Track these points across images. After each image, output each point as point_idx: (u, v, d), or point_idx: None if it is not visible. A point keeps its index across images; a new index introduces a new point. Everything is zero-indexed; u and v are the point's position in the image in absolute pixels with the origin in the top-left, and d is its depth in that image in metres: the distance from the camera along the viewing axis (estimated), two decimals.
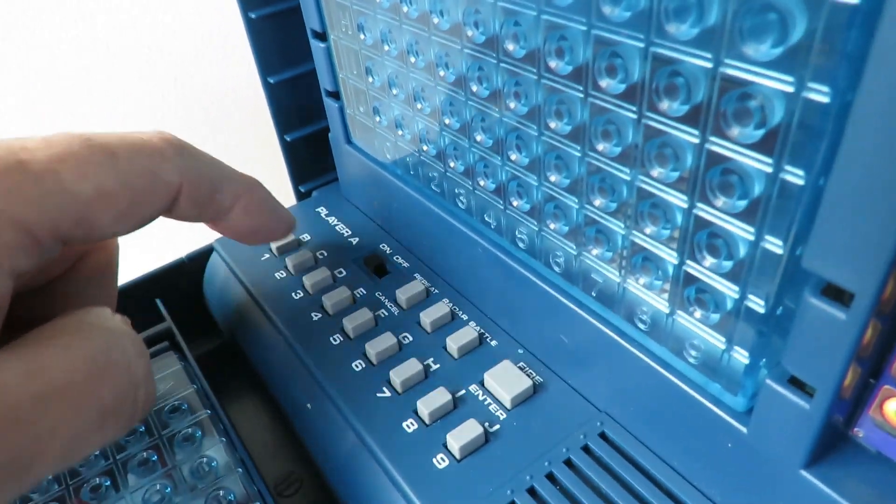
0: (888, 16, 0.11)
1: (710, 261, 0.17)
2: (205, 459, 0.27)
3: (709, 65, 0.14)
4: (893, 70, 0.11)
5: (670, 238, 0.18)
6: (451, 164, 0.26)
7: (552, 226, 0.22)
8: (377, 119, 0.30)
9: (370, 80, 0.28)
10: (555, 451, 0.22)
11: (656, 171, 0.17)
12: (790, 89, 0.13)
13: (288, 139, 0.36)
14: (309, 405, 0.27)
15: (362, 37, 0.27)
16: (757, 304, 0.16)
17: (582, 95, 0.18)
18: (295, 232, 0.35)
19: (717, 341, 0.18)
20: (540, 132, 0.20)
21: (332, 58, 0.31)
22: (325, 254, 0.33)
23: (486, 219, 0.25)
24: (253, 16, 0.32)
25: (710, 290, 0.17)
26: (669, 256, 0.18)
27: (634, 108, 0.17)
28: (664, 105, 0.16)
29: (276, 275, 0.32)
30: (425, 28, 0.23)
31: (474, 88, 0.22)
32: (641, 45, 0.15)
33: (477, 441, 0.23)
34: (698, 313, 0.18)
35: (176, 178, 0.21)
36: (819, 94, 0.13)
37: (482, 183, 0.25)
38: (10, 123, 0.49)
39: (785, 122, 0.13)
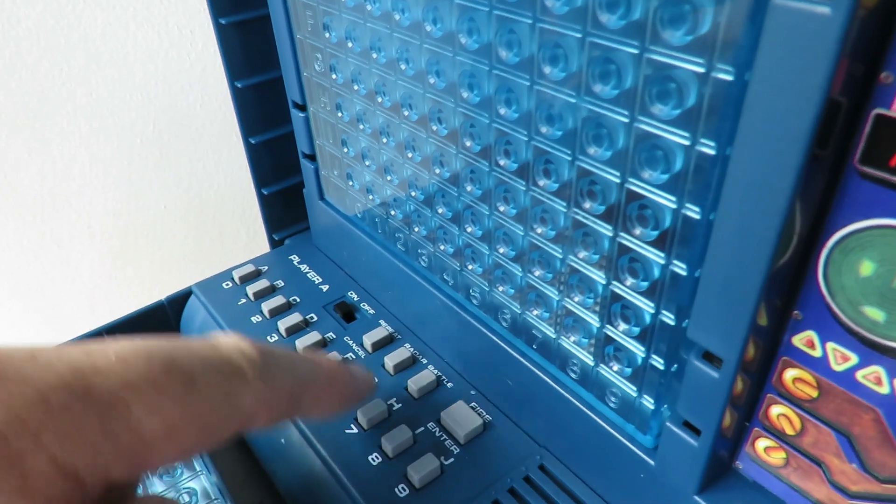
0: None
1: (623, 326, 0.21)
2: (185, 491, 0.29)
3: (626, 119, 0.19)
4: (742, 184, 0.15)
5: (593, 307, 0.22)
6: (416, 229, 0.30)
7: (500, 288, 0.26)
8: (350, 183, 0.34)
9: (345, 150, 0.32)
10: (500, 481, 0.26)
11: (582, 254, 0.21)
12: (687, 142, 0.17)
13: (265, 192, 0.39)
14: (283, 440, 0.30)
15: (340, 115, 0.31)
16: (658, 362, 0.20)
17: (524, 188, 0.22)
18: (270, 278, 0.38)
19: (631, 390, 0.22)
20: (491, 211, 0.24)
21: (310, 126, 0.35)
22: (298, 299, 0.36)
23: (445, 277, 0.29)
24: (239, 85, 0.35)
25: (623, 350, 0.21)
26: (593, 321, 0.22)
27: (564, 204, 0.21)
28: (587, 205, 0.20)
29: (252, 319, 0.35)
30: (396, 116, 0.27)
31: (437, 170, 0.26)
32: (574, 100, 0.20)
33: (434, 473, 0.26)
34: (616, 367, 0.22)
35: (254, 405, 0.18)
36: (692, 212, 0.17)
37: (442, 247, 0.28)
38: None
39: (671, 227, 0.18)
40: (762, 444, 0.20)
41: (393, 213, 0.31)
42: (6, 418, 0.13)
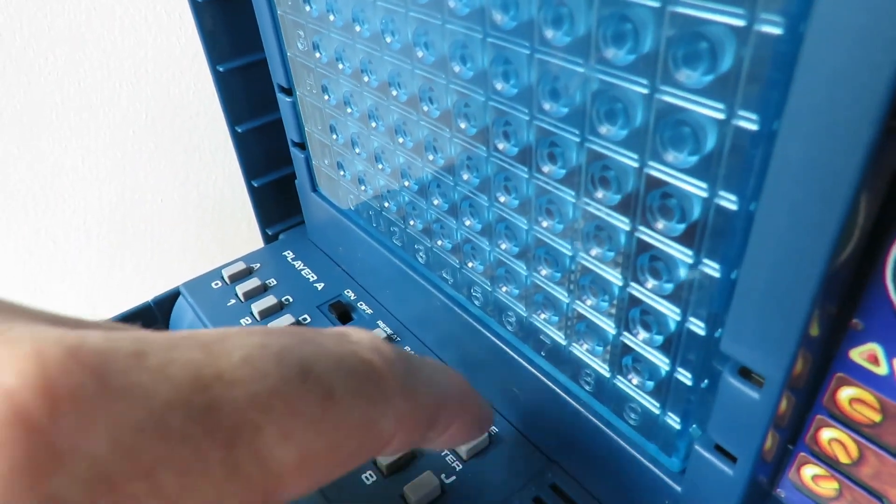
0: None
1: (643, 334, 0.18)
2: None
3: (645, 90, 0.16)
4: (784, 191, 0.12)
5: (608, 311, 0.19)
6: (411, 223, 0.27)
7: (504, 288, 0.23)
8: (341, 173, 0.31)
9: (334, 137, 0.29)
10: (507, 502, 0.23)
11: (595, 251, 0.18)
12: (721, 116, 0.14)
13: (255, 185, 0.37)
14: None
15: (326, 97, 0.28)
16: (685, 376, 0.17)
17: (527, 176, 0.19)
18: (261, 276, 0.36)
19: (653, 406, 0.19)
20: (490, 203, 0.21)
21: (297, 112, 0.32)
22: (291, 299, 0.34)
23: (444, 275, 0.26)
24: (221, 69, 0.33)
25: (644, 361, 0.18)
26: (608, 327, 0.19)
27: (573, 193, 0.18)
28: (599, 194, 0.17)
29: (241, 321, 0.33)
30: (384, 97, 0.24)
31: (430, 157, 0.23)
32: (581, 69, 0.17)
33: (433, 493, 0.24)
34: (635, 380, 0.19)
35: (393, 427, 0.14)
36: (728, 201, 0.14)
37: (439, 243, 0.26)
38: None
39: (701, 220, 0.15)
40: (809, 471, 0.17)
41: (387, 205, 0.28)
42: (112, 451, 0.10)
